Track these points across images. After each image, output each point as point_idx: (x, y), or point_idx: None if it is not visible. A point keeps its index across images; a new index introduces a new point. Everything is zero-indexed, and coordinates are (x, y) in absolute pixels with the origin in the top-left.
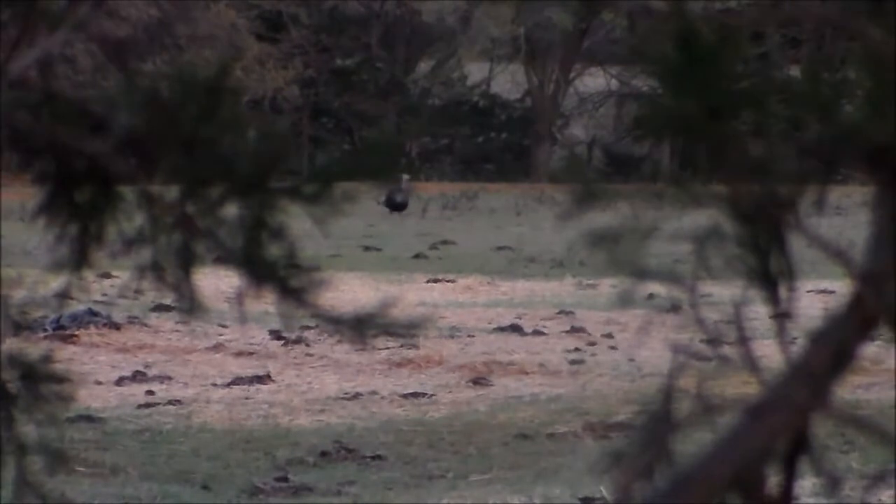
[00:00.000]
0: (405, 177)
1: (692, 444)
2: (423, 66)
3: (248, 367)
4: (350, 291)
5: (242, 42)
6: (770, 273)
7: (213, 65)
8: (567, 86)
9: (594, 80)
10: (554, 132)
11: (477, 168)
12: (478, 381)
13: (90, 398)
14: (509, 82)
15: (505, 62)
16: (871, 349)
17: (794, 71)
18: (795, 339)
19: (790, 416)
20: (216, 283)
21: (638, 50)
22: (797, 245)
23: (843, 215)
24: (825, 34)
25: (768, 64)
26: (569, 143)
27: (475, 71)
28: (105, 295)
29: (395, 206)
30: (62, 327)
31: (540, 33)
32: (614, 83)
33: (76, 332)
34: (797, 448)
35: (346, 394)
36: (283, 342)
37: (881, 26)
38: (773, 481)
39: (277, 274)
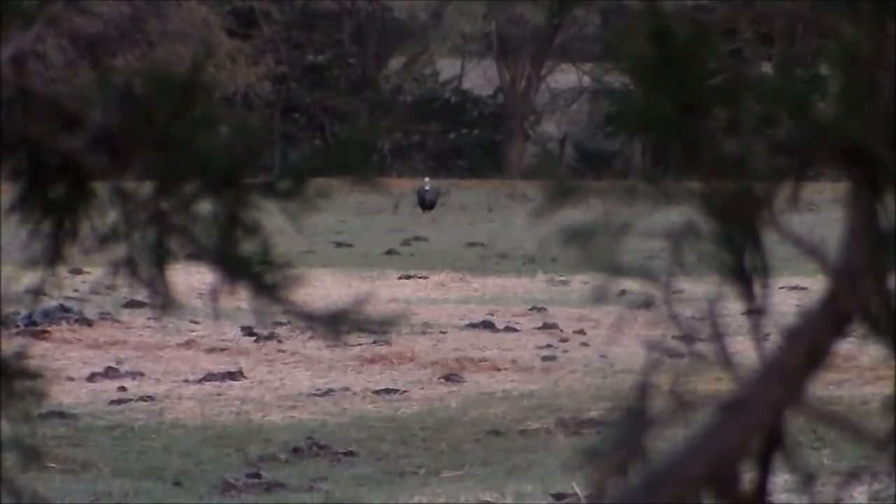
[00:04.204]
0: (427, 179)
1: (666, 440)
2: (395, 63)
3: (220, 364)
4: (322, 288)
5: (214, 38)
6: (744, 269)
7: (185, 62)
8: (539, 82)
9: (566, 77)
10: (526, 128)
11: (449, 164)
12: (450, 378)
13: (62, 394)
14: (481, 79)
15: (477, 58)
16: (843, 345)
17: (767, 68)
18: (769, 335)
19: (764, 414)
20: (188, 278)
21: (612, 47)
22: (770, 241)
23: (816, 212)
24: (797, 31)
25: (741, 61)
26: (541, 139)
27: (447, 67)
28: (76, 291)
29: (426, 205)
30: (34, 323)
31: (512, 29)
32: (586, 80)
33: (48, 329)
34: (771, 445)
35: (318, 390)
36: (255, 338)
37: (853, 23)
38: (747, 478)
39: (251, 270)
